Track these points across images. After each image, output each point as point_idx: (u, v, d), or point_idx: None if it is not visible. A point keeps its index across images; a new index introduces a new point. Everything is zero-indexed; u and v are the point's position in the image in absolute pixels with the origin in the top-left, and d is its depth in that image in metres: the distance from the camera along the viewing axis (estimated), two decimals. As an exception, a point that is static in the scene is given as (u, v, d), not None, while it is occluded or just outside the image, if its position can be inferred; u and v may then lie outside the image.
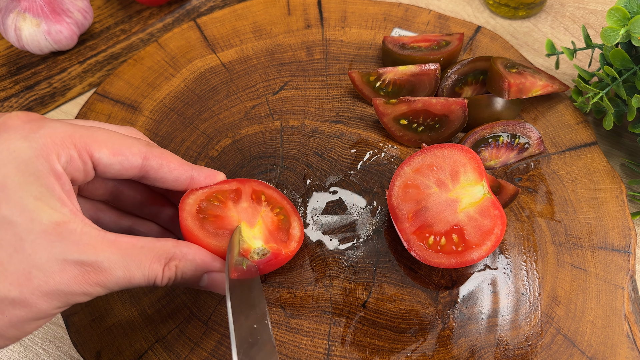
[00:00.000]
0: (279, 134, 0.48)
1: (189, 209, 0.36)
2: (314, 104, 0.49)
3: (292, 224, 0.39)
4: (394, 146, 0.47)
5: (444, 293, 0.40)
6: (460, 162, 0.40)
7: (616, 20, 0.41)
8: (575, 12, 0.57)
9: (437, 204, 0.39)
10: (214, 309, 0.40)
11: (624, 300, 0.40)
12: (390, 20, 0.54)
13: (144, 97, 0.50)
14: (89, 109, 0.49)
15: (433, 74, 0.48)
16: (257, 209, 0.39)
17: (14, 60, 0.54)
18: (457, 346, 0.39)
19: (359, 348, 0.39)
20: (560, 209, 0.44)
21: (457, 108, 0.46)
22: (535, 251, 0.42)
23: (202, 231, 0.36)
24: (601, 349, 0.38)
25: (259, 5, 0.55)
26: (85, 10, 0.53)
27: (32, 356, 0.41)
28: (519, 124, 0.45)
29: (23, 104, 0.52)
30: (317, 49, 0.52)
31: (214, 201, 0.38)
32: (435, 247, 0.38)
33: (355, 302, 0.40)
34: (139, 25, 0.57)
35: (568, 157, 0.46)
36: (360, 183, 0.45)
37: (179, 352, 0.39)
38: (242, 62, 0.52)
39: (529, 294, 0.40)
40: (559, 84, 0.48)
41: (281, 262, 0.37)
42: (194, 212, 0.36)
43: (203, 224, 0.36)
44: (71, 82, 0.53)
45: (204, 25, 0.54)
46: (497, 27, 0.57)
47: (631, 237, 0.42)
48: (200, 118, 0.49)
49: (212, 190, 0.38)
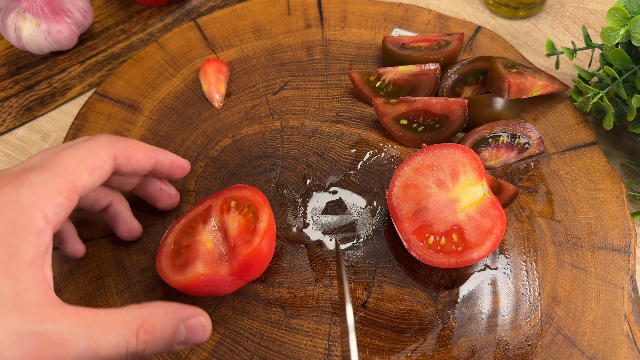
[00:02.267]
0: (279, 134, 0.48)
1: (166, 250, 0.39)
2: (314, 104, 0.49)
3: (259, 218, 0.38)
4: (394, 146, 0.47)
5: (444, 293, 0.40)
6: (460, 162, 0.40)
7: (616, 20, 0.41)
8: (575, 12, 0.57)
9: (437, 203, 0.39)
10: (214, 309, 0.40)
11: (624, 300, 0.40)
12: (390, 20, 0.54)
13: (144, 97, 0.50)
14: (89, 109, 0.49)
15: (433, 74, 0.48)
16: (224, 220, 0.39)
17: (14, 60, 0.54)
18: (457, 346, 0.39)
19: (359, 348, 0.39)
20: (560, 209, 0.44)
21: (457, 108, 0.46)
22: (535, 251, 0.42)
23: (172, 270, 0.37)
24: (601, 349, 0.38)
25: (259, 5, 0.55)
26: (85, 10, 0.53)
27: (32, 356, 0.41)
28: (519, 124, 0.45)
29: (23, 104, 0.52)
30: (317, 49, 0.52)
31: (187, 230, 0.40)
32: (435, 247, 0.38)
33: (355, 302, 0.40)
34: (139, 25, 0.57)
35: (568, 157, 0.46)
36: (360, 183, 0.45)
37: (179, 352, 0.39)
38: (242, 62, 0.52)
39: (529, 294, 0.40)
40: (559, 84, 0.48)
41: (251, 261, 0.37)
42: (169, 252, 0.38)
43: (174, 261, 0.38)
44: (71, 82, 0.53)
45: (204, 25, 0.54)
46: (497, 27, 0.57)
47: (631, 237, 0.42)
48: (200, 118, 0.49)
49: (187, 220, 0.40)
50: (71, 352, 0.26)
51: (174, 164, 0.40)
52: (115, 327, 0.27)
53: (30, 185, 0.29)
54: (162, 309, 0.30)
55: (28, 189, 0.29)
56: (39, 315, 0.26)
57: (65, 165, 0.31)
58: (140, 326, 0.28)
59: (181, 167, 0.41)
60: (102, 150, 0.34)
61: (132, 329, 0.28)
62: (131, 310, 0.29)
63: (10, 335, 0.25)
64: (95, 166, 0.33)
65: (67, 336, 0.26)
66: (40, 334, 0.26)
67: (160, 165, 0.39)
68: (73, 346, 0.26)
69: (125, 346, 0.27)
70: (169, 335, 0.29)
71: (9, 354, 0.25)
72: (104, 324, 0.27)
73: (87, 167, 0.32)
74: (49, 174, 0.30)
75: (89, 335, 0.27)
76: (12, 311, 0.26)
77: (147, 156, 0.37)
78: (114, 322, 0.28)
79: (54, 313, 0.27)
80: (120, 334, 0.27)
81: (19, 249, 0.27)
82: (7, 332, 0.25)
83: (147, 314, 0.29)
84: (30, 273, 0.27)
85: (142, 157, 0.37)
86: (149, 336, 0.28)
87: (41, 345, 0.25)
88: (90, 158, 0.33)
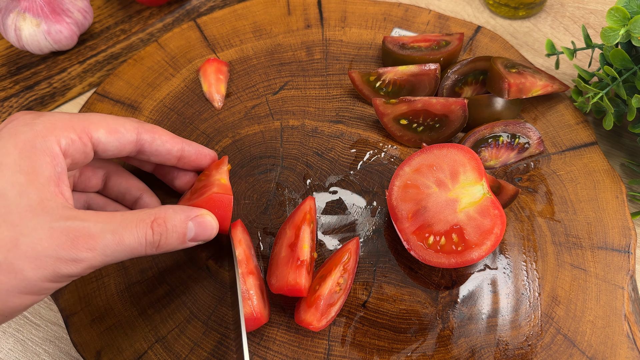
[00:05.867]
0: (279, 134, 0.48)
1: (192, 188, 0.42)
2: (314, 104, 0.49)
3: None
4: (394, 146, 0.47)
5: (444, 293, 0.40)
6: (460, 162, 0.40)
7: (616, 20, 0.41)
8: (575, 12, 0.57)
9: (437, 203, 0.39)
10: (214, 309, 0.40)
11: (624, 300, 0.40)
12: (390, 20, 0.54)
13: (144, 97, 0.50)
14: (89, 109, 0.49)
15: (433, 74, 0.48)
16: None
17: (14, 60, 0.54)
18: (457, 346, 0.39)
19: (359, 348, 0.39)
20: (560, 209, 0.44)
21: (457, 108, 0.46)
22: (535, 251, 0.42)
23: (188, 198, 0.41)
24: (601, 349, 0.38)
25: (259, 5, 0.55)
26: (85, 10, 0.53)
27: (32, 356, 0.41)
28: (519, 124, 0.45)
29: (23, 104, 0.52)
30: (317, 49, 0.52)
31: (202, 177, 0.42)
32: (435, 247, 0.38)
33: (355, 302, 0.40)
34: (139, 25, 0.57)
35: (568, 157, 0.46)
36: (360, 183, 0.45)
37: (179, 352, 0.39)
38: (242, 62, 0.52)
39: (529, 294, 0.40)
40: (559, 84, 0.48)
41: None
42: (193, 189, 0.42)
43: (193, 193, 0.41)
44: (71, 82, 0.53)
45: (204, 25, 0.54)
46: (497, 27, 0.57)
47: (631, 237, 0.42)
48: (200, 118, 0.49)
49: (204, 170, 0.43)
50: (100, 242, 0.30)
51: (200, 154, 0.41)
52: (133, 222, 0.31)
53: (47, 116, 0.32)
54: (171, 208, 0.34)
55: (45, 119, 0.32)
56: (66, 215, 0.29)
57: (87, 116, 0.34)
58: (154, 220, 0.32)
59: (208, 156, 0.42)
60: (127, 121, 0.36)
61: (147, 223, 0.32)
62: (143, 210, 0.33)
63: (45, 229, 0.28)
64: (114, 129, 0.35)
65: (94, 230, 0.30)
66: (71, 228, 0.29)
67: (188, 155, 0.40)
68: (101, 237, 0.30)
69: (144, 236, 0.32)
70: (180, 230, 0.34)
71: (45, 244, 0.28)
72: (123, 220, 0.31)
73: (107, 125, 0.35)
74: (69, 116, 0.33)
75: (112, 229, 0.30)
76: (42, 212, 0.29)
77: (172, 140, 0.39)
78: (131, 218, 0.32)
79: (78, 214, 0.30)
80: (138, 227, 0.31)
81: (37, 165, 0.30)
82: (42, 227, 0.28)
83: (158, 211, 0.33)
84: (51, 186, 0.30)
85: (167, 140, 0.39)
86: (162, 228, 0.33)
87: (73, 237, 0.29)
88: (114, 122, 0.35)
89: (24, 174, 0.29)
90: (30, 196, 0.29)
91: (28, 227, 0.28)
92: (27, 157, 0.30)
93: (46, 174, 0.30)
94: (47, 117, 0.32)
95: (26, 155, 0.30)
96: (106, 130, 0.35)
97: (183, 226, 0.34)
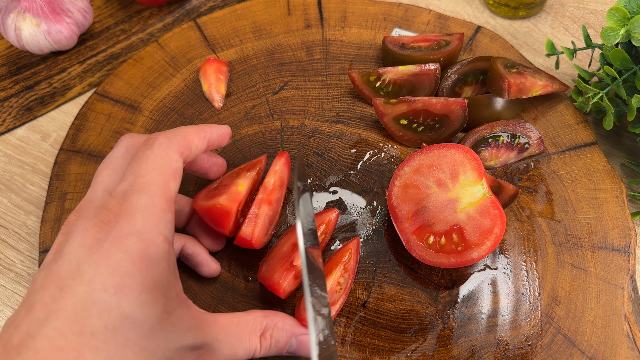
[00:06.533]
0: (279, 134, 0.48)
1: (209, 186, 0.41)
2: (314, 104, 0.49)
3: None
4: (394, 146, 0.47)
5: (444, 293, 0.40)
6: (460, 162, 0.40)
7: (616, 20, 0.41)
8: (575, 12, 0.57)
9: (437, 203, 0.39)
10: (214, 309, 0.40)
11: (624, 300, 0.40)
12: (390, 20, 0.54)
13: (144, 97, 0.50)
14: (89, 109, 0.49)
15: (433, 74, 0.48)
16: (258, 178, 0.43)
17: (14, 60, 0.54)
18: (457, 346, 0.39)
19: (359, 348, 0.39)
20: (560, 209, 0.44)
21: (457, 108, 0.46)
22: (535, 251, 0.42)
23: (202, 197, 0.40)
24: (601, 349, 0.38)
25: (259, 5, 0.55)
26: (85, 10, 0.53)
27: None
28: (519, 124, 0.45)
29: (23, 104, 0.52)
30: (317, 49, 0.52)
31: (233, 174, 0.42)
32: (435, 247, 0.38)
33: (355, 302, 0.40)
34: (139, 25, 0.57)
35: (568, 157, 0.46)
36: (360, 183, 0.45)
37: (178, 352, 0.39)
38: (242, 62, 0.52)
39: (529, 294, 0.40)
40: (559, 84, 0.48)
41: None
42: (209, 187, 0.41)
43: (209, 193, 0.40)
44: (71, 82, 0.53)
45: (204, 25, 0.54)
46: (497, 27, 0.57)
47: (631, 237, 0.42)
48: (200, 118, 0.49)
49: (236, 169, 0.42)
50: (220, 358, 0.32)
51: (222, 135, 0.39)
52: (246, 335, 0.33)
53: (140, 213, 0.30)
54: (280, 319, 0.35)
55: (140, 218, 0.30)
56: (192, 330, 0.31)
57: (153, 182, 0.31)
58: (263, 334, 0.34)
59: (227, 134, 0.40)
60: (170, 152, 0.33)
61: (257, 336, 0.34)
62: (257, 319, 0.34)
63: (177, 351, 0.30)
64: (175, 171, 0.33)
65: (216, 346, 0.32)
66: (197, 346, 0.31)
67: (212, 140, 0.38)
68: (221, 353, 0.32)
69: (253, 350, 0.33)
70: (282, 346, 0.35)
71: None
72: (238, 333, 0.33)
73: (170, 175, 0.32)
74: (149, 196, 0.31)
75: (229, 343, 0.32)
76: (171, 329, 0.30)
77: (202, 139, 0.37)
78: (244, 330, 0.33)
79: (202, 326, 0.31)
80: (251, 341, 0.33)
81: (155, 276, 0.29)
82: (174, 349, 0.29)
83: (269, 322, 0.35)
84: (173, 288, 0.31)
85: (199, 143, 0.36)
86: (268, 342, 0.34)
87: (199, 354, 0.31)
88: (168, 165, 0.33)
89: (148, 292, 0.29)
90: (158, 312, 0.29)
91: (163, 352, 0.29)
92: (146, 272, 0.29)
93: (164, 280, 0.30)
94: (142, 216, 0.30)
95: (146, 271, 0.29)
96: (173, 180, 0.33)
97: (286, 342, 0.35)
